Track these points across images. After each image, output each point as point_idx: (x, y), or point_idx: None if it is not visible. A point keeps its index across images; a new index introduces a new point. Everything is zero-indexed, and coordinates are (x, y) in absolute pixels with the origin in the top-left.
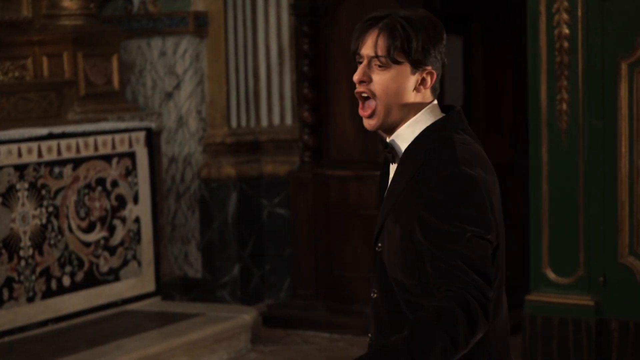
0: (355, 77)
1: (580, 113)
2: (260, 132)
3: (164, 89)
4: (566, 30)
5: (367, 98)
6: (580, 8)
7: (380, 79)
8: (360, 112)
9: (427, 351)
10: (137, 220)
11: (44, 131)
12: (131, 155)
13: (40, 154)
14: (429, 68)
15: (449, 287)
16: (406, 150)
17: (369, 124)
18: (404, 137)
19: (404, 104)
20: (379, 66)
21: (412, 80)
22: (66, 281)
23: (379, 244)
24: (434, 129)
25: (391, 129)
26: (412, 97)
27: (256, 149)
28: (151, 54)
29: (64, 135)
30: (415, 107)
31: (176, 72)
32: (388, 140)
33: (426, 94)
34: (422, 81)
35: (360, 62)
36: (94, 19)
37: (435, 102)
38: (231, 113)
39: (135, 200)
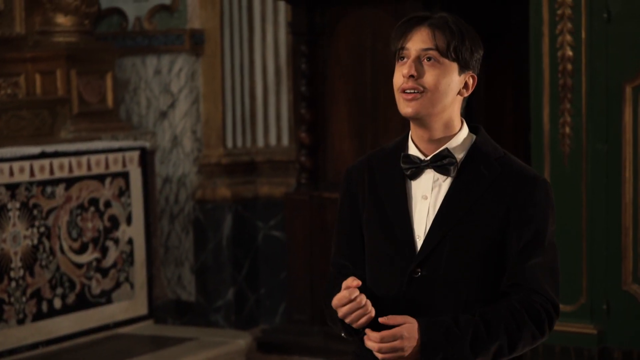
0: (405, 70)
1: (584, 136)
2: (257, 152)
3: (158, 108)
4: (570, 53)
5: (413, 92)
6: (584, 30)
7: (433, 75)
8: (404, 95)
9: (521, 329)
10: (130, 241)
11: (36, 150)
12: (125, 175)
13: (32, 173)
14: (472, 72)
15: (536, 296)
16: (466, 161)
17: (410, 106)
18: (456, 147)
19: (448, 104)
20: (430, 60)
21: (459, 81)
22: (57, 303)
23: (418, 270)
24: (486, 140)
25: (425, 130)
26: (455, 99)
27: (252, 170)
28: (146, 72)
29: (56, 154)
30: (454, 112)
31: (171, 90)
32: (445, 147)
33: (461, 101)
34: (465, 85)
35: (402, 59)
36: (88, 35)
37: None
38: (227, 133)
39: (129, 221)
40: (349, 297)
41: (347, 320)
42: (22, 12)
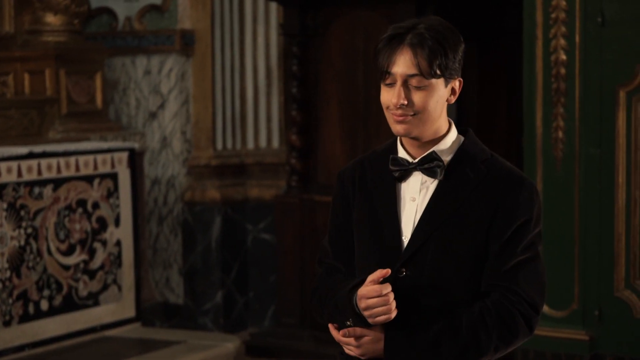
0: (394, 100)
1: (577, 141)
2: (247, 154)
3: (148, 109)
4: (563, 57)
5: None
6: (578, 34)
7: (421, 98)
8: (395, 117)
9: (490, 335)
10: (118, 243)
11: (24, 150)
12: (113, 177)
13: (20, 174)
14: (457, 77)
15: (513, 296)
16: (453, 163)
17: (401, 127)
18: (443, 150)
19: (437, 117)
20: (417, 84)
21: (446, 92)
22: (44, 305)
23: (403, 270)
24: (474, 142)
25: (414, 139)
26: (444, 107)
27: (242, 172)
28: (135, 72)
29: (44, 155)
30: (442, 118)
31: (161, 91)
32: (432, 150)
33: (446, 105)
34: (452, 91)
35: (388, 82)
36: (77, 35)
37: None
38: (217, 134)
39: (117, 222)
40: (380, 292)
41: (367, 313)
42: (12, 10)
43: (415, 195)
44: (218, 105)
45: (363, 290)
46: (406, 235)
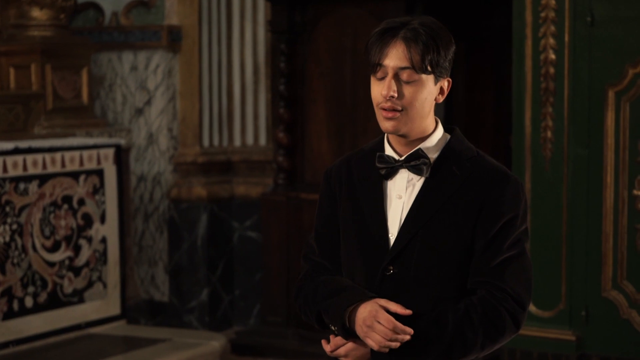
0: (384, 91)
1: (565, 141)
2: (233, 152)
3: (134, 105)
4: (552, 56)
5: (392, 110)
6: (567, 33)
7: (410, 92)
8: (384, 113)
9: (476, 332)
10: (103, 240)
11: (9, 145)
12: (99, 173)
13: (5, 169)
14: (446, 76)
15: (499, 293)
16: (439, 161)
17: (390, 125)
18: (430, 148)
19: (425, 115)
20: (408, 78)
21: (435, 89)
22: (29, 302)
23: (390, 267)
24: (460, 140)
25: (402, 137)
26: (432, 106)
27: (228, 170)
28: (122, 68)
29: (30, 150)
30: (431, 116)
31: (147, 87)
32: (418, 147)
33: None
34: (440, 90)
35: (379, 75)
36: (64, 30)
37: None
38: (203, 131)
39: (102, 219)
40: (397, 328)
41: (364, 329)
42: None
43: (401, 193)
44: (205, 102)
45: (384, 314)
46: (393, 233)
